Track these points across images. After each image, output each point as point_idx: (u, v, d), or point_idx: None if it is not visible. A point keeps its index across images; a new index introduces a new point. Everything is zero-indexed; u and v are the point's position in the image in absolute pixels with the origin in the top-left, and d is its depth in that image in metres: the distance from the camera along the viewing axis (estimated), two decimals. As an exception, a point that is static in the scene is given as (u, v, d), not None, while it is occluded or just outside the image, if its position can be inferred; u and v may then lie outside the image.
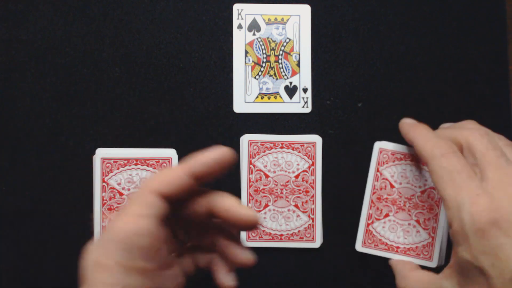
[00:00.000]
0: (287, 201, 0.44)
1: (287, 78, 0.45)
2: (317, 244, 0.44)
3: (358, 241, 0.43)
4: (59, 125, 0.44)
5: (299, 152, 0.44)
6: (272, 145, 0.44)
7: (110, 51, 0.45)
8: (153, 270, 0.29)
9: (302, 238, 0.44)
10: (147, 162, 0.43)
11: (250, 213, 0.30)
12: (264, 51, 0.45)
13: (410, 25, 0.46)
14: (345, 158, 0.45)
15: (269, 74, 0.45)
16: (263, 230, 0.44)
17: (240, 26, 0.45)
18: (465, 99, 0.46)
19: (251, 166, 0.44)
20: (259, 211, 0.44)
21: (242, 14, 0.45)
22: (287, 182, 0.44)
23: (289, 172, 0.44)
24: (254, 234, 0.44)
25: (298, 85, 0.45)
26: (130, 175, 0.43)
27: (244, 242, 0.37)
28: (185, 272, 0.34)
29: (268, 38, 0.45)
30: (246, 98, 0.45)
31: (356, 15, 0.46)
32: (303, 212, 0.44)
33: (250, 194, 0.44)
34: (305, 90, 0.45)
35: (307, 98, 0.45)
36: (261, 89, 0.45)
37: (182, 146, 0.44)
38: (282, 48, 0.45)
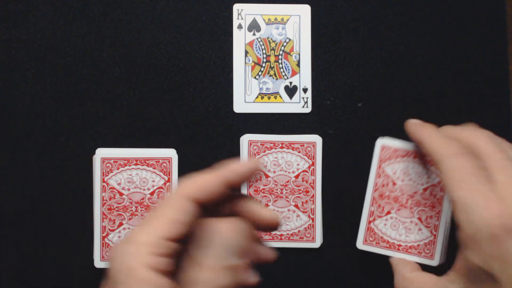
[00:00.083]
0: (287, 201, 0.44)
1: (287, 78, 0.45)
2: (317, 244, 0.44)
3: (359, 238, 0.42)
4: (59, 125, 0.44)
5: (299, 152, 0.44)
6: (272, 145, 0.44)
7: (110, 51, 0.45)
8: (180, 273, 0.30)
9: (302, 238, 0.44)
10: (147, 162, 0.43)
11: (271, 214, 0.31)
12: (264, 51, 0.45)
13: (410, 25, 0.46)
14: (345, 158, 0.45)
15: (269, 74, 0.45)
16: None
17: (240, 26, 0.45)
18: (465, 99, 0.46)
19: (251, 166, 0.44)
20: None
21: (242, 14, 0.45)
22: (287, 182, 0.44)
23: (289, 172, 0.44)
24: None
25: (298, 85, 0.45)
26: (130, 175, 0.43)
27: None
28: None
29: (268, 38, 0.45)
30: (246, 98, 0.45)
31: (356, 15, 0.46)
32: (303, 212, 0.44)
33: (250, 194, 0.44)
34: (305, 90, 0.45)
35: (307, 98, 0.45)
36: (261, 89, 0.45)
37: (182, 146, 0.44)
38: (282, 48, 0.45)
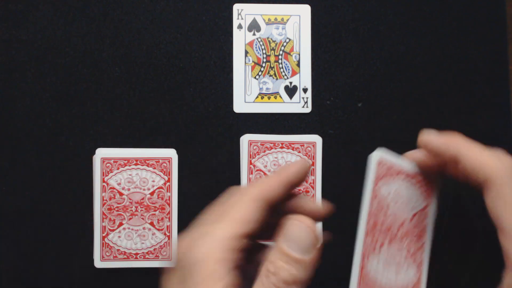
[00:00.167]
0: (287, 201, 0.44)
1: (287, 78, 0.45)
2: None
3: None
4: (59, 125, 0.44)
5: (299, 152, 0.44)
6: (272, 145, 0.44)
7: (110, 51, 0.45)
8: (249, 269, 0.32)
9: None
10: (147, 162, 0.43)
11: (319, 206, 0.34)
12: (264, 51, 0.45)
13: (410, 25, 0.46)
14: (345, 158, 0.45)
15: (269, 74, 0.45)
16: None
17: (240, 26, 0.45)
18: (465, 99, 0.46)
19: (251, 166, 0.44)
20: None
21: (242, 14, 0.45)
22: (287, 182, 0.44)
23: (289, 172, 0.44)
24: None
25: (298, 85, 0.45)
26: (130, 175, 0.43)
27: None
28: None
29: (268, 38, 0.45)
30: (246, 98, 0.45)
31: (356, 15, 0.46)
32: (303, 212, 0.44)
33: (250, 194, 0.44)
34: (305, 90, 0.45)
35: (307, 98, 0.45)
36: (261, 89, 0.45)
37: (182, 146, 0.44)
38: (282, 48, 0.45)
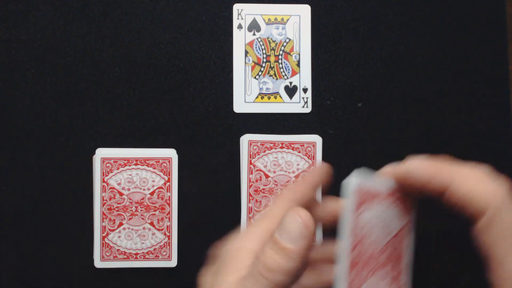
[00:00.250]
0: (287, 201, 0.44)
1: (287, 78, 0.45)
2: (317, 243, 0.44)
3: None
4: (59, 125, 0.44)
5: (299, 152, 0.44)
6: (272, 145, 0.44)
7: (110, 51, 0.45)
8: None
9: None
10: (147, 162, 0.43)
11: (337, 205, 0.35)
12: (264, 51, 0.45)
13: (410, 25, 0.46)
14: (345, 158, 0.45)
15: (269, 74, 0.45)
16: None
17: (240, 26, 0.45)
18: (465, 99, 0.46)
19: (251, 166, 0.44)
20: (259, 211, 0.44)
21: (242, 14, 0.45)
22: (287, 182, 0.44)
23: (289, 172, 0.44)
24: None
25: (298, 85, 0.45)
26: (130, 175, 0.43)
27: None
28: None
29: (268, 38, 0.45)
30: (246, 98, 0.45)
31: (356, 15, 0.46)
32: (303, 212, 0.44)
33: (250, 194, 0.44)
34: (305, 90, 0.45)
35: (307, 98, 0.45)
36: (261, 89, 0.45)
37: (182, 146, 0.44)
38: (282, 48, 0.45)
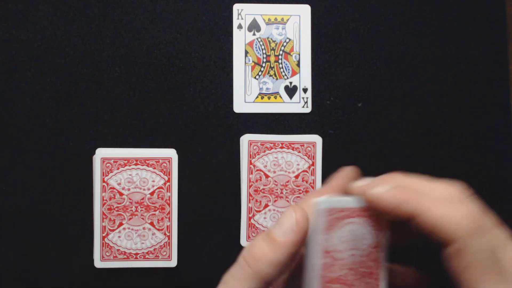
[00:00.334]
0: (287, 201, 0.44)
1: (287, 78, 0.45)
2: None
3: None
4: (59, 125, 0.44)
5: (299, 152, 0.44)
6: (272, 145, 0.44)
7: (110, 51, 0.45)
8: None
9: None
10: (147, 162, 0.43)
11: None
12: (264, 51, 0.45)
13: (410, 25, 0.46)
14: (345, 158, 0.45)
15: (269, 74, 0.45)
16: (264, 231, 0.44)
17: (240, 26, 0.45)
18: (465, 99, 0.46)
19: (251, 166, 0.44)
20: (259, 211, 0.44)
21: (242, 14, 0.45)
22: (287, 182, 0.44)
23: (289, 172, 0.44)
24: (254, 235, 0.44)
25: (298, 85, 0.45)
26: (130, 175, 0.43)
27: None
28: None
29: (268, 38, 0.45)
30: (246, 98, 0.45)
31: (356, 15, 0.46)
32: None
33: (250, 194, 0.44)
34: (305, 90, 0.45)
35: (307, 98, 0.45)
36: (261, 89, 0.45)
37: (182, 146, 0.44)
38: (282, 48, 0.45)
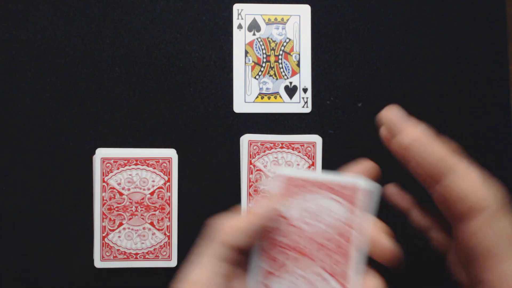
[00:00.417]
0: (287, 201, 0.44)
1: (287, 78, 0.45)
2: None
3: None
4: (59, 125, 0.44)
5: (299, 152, 0.44)
6: (272, 145, 0.44)
7: (110, 51, 0.45)
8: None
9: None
10: (147, 162, 0.43)
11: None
12: (264, 51, 0.45)
13: (410, 25, 0.46)
14: (345, 158, 0.45)
15: (269, 74, 0.45)
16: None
17: (240, 26, 0.45)
18: (465, 99, 0.46)
19: (251, 166, 0.44)
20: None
21: (242, 14, 0.45)
22: (287, 182, 0.44)
23: (289, 172, 0.44)
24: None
25: (298, 85, 0.45)
26: (130, 175, 0.43)
27: None
28: None
29: (268, 38, 0.45)
30: (246, 98, 0.45)
31: (356, 15, 0.46)
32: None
33: (250, 194, 0.44)
34: (305, 90, 0.45)
35: (307, 98, 0.45)
36: (261, 89, 0.45)
37: (182, 146, 0.44)
38: (282, 48, 0.45)
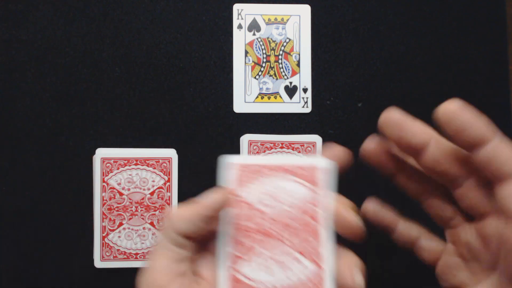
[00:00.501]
0: (287, 201, 0.44)
1: (287, 78, 0.45)
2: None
3: None
4: (59, 125, 0.44)
5: (299, 152, 0.44)
6: (272, 145, 0.44)
7: (110, 51, 0.45)
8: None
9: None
10: (147, 162, 0.43)
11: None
12: (264, 51, 0.45)
13: (410, 25, 0.46)
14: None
15: (269, 74, 0.45)
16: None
17: (240, 26, 0.45)
18: (465, 99, 0.46)
19: (251, 166, 0.44)
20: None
21: (242, 14, 0.45)
22: (287, 182, 0.44)
23: (289, 172, 0.44)
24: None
25: (298, 85, 0.45)
26: (130, 175, 0.43)
27: None
28: None
29: (268, 38, 0.45)
30: (246, 98, 0.45)
31: (356, 15, 0.46)
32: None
33: (250, 194, 0.44)
34: (305, 90, 0.45)
35: (307, 98, 0.45)
36: (261, 89, 0.45)
37: (182, 146, 0.44)
38: (282, 48, 0.45)
